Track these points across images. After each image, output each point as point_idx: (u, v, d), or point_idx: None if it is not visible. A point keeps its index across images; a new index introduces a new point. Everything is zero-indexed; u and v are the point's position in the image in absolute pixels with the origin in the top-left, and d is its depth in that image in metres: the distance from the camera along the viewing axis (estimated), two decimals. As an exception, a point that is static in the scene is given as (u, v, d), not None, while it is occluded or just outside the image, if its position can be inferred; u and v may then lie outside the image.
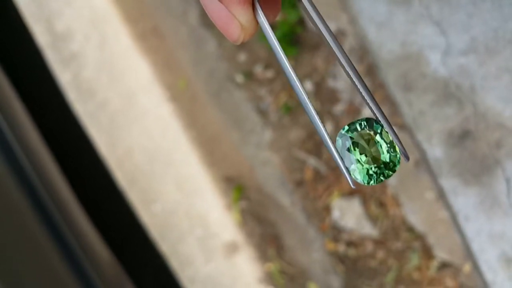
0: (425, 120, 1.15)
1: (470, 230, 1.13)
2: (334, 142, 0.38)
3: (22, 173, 0.88)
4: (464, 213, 1.14)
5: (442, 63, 1.13)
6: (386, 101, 1.23)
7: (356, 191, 1.33)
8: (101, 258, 0.95)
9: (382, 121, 0.36)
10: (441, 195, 1.18)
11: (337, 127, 1.31)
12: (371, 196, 1.31)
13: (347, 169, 0.37)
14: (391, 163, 0.37)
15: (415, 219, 1.26)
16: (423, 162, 1.20)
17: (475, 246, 1.13)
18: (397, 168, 0.37)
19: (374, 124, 0.37)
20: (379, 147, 0.37)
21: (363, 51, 1.25)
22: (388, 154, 0.37)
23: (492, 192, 1.11)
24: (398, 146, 0.36)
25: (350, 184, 0.37)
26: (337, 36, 1.28)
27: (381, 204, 1.30)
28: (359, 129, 0.37)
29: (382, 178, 0.37)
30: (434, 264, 1.25)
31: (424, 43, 1.14)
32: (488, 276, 1.12)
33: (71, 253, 0.88)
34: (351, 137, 0.37)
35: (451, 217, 1.18)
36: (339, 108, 1.32)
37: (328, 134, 0.38)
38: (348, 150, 0.37)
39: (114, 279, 0.96)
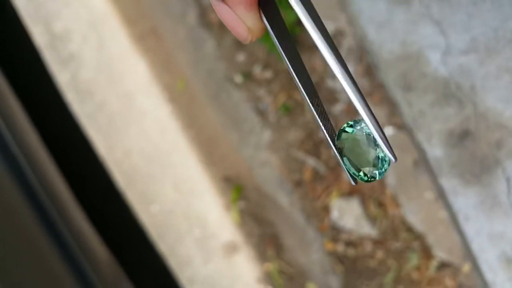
0: (425, 120, 1.15)
1: (470, 230, 1.13)
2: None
3: (21, 173, 0.87)
4: (464, 213, 1.14)
5: (442, 63, 1.13)
6: (385, 101, 1.23)
7: (355, 191, 1.33)
8: (100, 259, 0.95)
9: (368, 121, 0.37)
10: (441, 195, 1.18)
11: (336, 127, 1.31)
12: (370, 196, 1.31)
13: (347, 167, 0.39)
14: (379, 164, 0.38)
15: (415, 219, 1.26)
16: (423, 162, 1.20)
17: (475, 246, 1.13)
18: (387, 167, 0.38)
19: (362, 125, 0.38)
20: (366, 148, 0.38)
21: (362, 51, 1.25)
22: (375, 155, 0.38)
23: (492, 192, 1.11)
24: (384, 146, 0.37)
25: (351, 182, 0.39)
26: (336, 37, 1.28)
27: (380, 204, 1.30)
28: (348, 131, 0.39)
29: (372, 178, 0.39)
30: (434, 264, 1.25)
31: (424, 43, 1.14)
32: (488, 276, 1.12)
33: (70, 253, 0.87)
34: (342, 140, 0.39)
35: (451, 217, 1.17)
36: (338, 108, 1.32)
37: (329, 132, 0.39)
38: (341, 152, 0.39)
39: (112, 279, 0.96)
